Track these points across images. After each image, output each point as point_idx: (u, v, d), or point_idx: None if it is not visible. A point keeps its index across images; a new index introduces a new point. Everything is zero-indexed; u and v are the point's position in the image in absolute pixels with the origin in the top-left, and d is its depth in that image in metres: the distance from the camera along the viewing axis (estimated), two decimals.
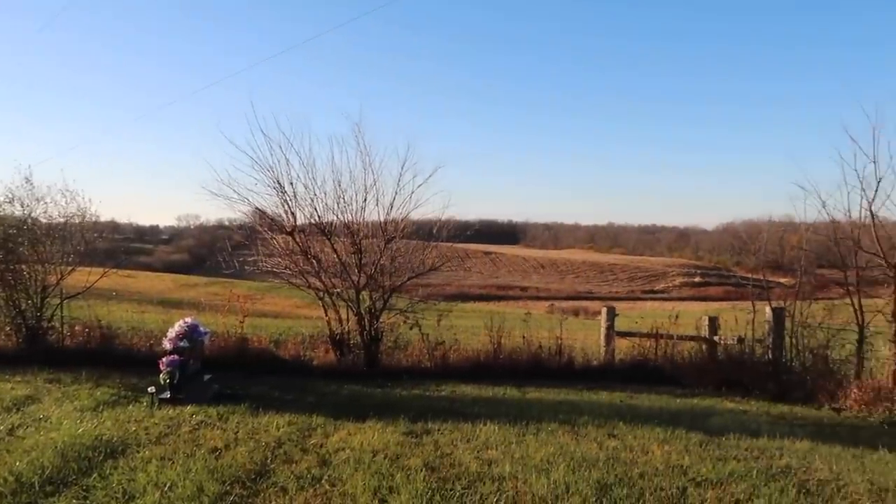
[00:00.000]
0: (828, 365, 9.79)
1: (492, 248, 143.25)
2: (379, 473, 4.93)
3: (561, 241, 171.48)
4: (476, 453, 5.63)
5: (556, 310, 44.56)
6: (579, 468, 5.21)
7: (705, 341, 11.51)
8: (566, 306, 61.96)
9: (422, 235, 12.03)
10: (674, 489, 4.80)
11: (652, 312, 31.19)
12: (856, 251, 9.86)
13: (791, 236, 12.86)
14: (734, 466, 5.46)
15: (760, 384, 9.89)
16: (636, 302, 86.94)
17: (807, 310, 10.30)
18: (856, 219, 9.84)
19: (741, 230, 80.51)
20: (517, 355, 11.54)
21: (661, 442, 6.27)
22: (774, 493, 4.78)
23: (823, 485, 5.13)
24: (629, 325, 13.70)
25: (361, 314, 10.95)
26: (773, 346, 10.45)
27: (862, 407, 8.55)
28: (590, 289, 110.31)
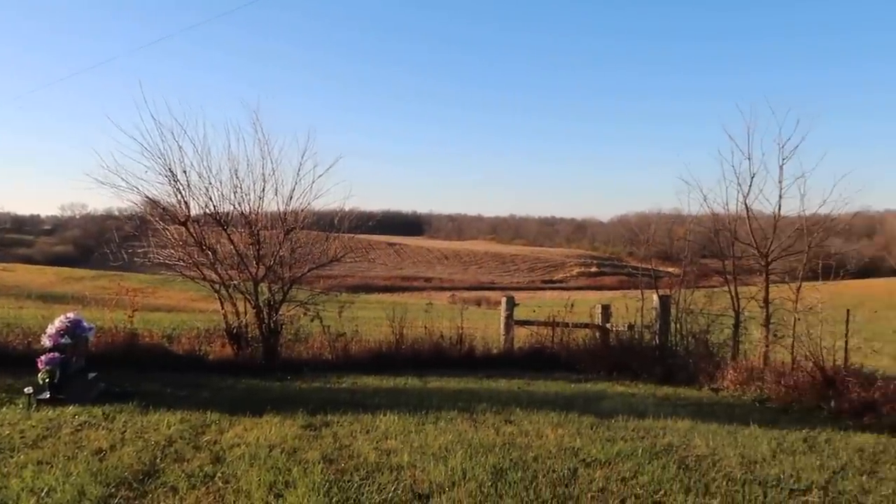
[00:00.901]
0: (708, 348, 10.48)
1: (396, 239, 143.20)
2: (275, 468, 4.84)
3: (465, 232, 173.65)
4: (375, 444, 5.63)
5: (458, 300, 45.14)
6: (476, 454, 5.32)
7: (598, 328, 12.01)
8: (469, 296, 62.87)
9: (323, 226, 11.86)
10: (565, 470, 5.00)
11: (551, 302, 32.17)
12: (733, 242, 10.59)
13: (678, 228, 13.61)
14: (622, 446, 5.74)
15: (648, 368, 10.44)
16: (536, 291, 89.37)
17: (690, 297, 10.98)
18: (733, 212, 10.56)
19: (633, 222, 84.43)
20: (419, 345, 11.62)
21: (556, 426, 6.51)
22: (657, 470, 5.07)
23: (701, 460, 5.49)
24: (528, 315, 14.09)
25: (260, 306, 10.68)
26: (659, 332, 11.06)
27: (737, 386, 9.20)
28: (492, 279, 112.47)
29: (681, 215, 12.11)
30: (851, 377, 8.09)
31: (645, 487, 4.68)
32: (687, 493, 4.59)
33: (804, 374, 8.44)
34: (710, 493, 4.62)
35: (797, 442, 6.28)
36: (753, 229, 10.33)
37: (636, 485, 4.75)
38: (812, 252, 10.22)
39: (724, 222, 10.76)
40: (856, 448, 6.15)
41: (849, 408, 7.66)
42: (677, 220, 13.07)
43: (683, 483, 4.79)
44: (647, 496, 4.52)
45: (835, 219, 10.06)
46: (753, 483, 4.88)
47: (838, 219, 10.16)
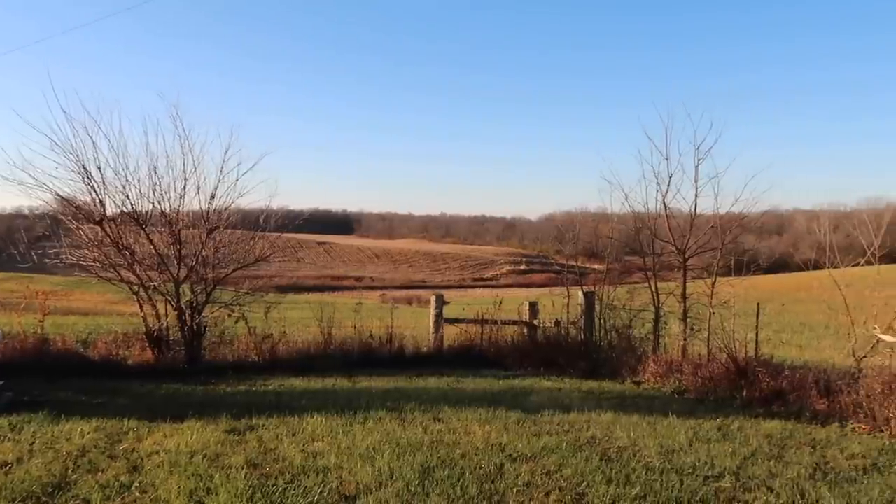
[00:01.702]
0: (630, 343, 10.82)
1: (326, 238, 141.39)
2: (196, 475, 4.70)
3: (396, 230, 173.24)
4: (302, 446, 5.55)
5: (388, 299, 44.93)
6: (404, 453, 5.32)
7: (526, 325, 12.22)
8: (400, 295, 62.63)
9: (248, 225, 11.60)
10: (492, 466, 5.06)
11: (481, 299, 32.50)
12: (653, 240, 10.97)
13: (604, 226, 13.97)
14: (547, 441, 5.86)
15: (574, 363, 10.68)
16: (467, 290, 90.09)
17: (613, 293, 11.31)
18: (653, 210, 10.95)
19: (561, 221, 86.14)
20: (348, 346, 11.54)
21: (483, 422, 6.58)
22: (580, 463, 5.20)
23: (622, 451, 5.67)
24: (458, 313, 14.18)
25: (182, 308, 10.36)
26: (584, 328, 11.36)
27: (657, 379, 9.54)
28: (423, 278, 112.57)
29: (606, 214, 12.46)
30: (762, 367, 8.52)
31: (568, 480, 4.80)
32: (608, 483, 4.72)
33: (719, 366, 8.83)
34: (630, 482, 4.77)
35: (712, 430, 6.56)
36: (672, 227, 10.74)
37: (560, 477, 4.86)
38: (726, 249, 10.70)
39: (644, 220, 11.13)
40: (765, 434, 6.48)
41: (759, 396, 8.06)
42: (602, 219, 13.43)
43: (605, 474, 4.93)
44: (570, 488, 4.62)
45: (746, 217, 10.56)
46: (671, 471, 5.08)
47: (750, 217, 10.67)
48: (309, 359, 10.89)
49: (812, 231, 46.48)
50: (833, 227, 11.89)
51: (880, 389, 6.91)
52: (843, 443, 6.26)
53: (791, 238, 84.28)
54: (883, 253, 8.67)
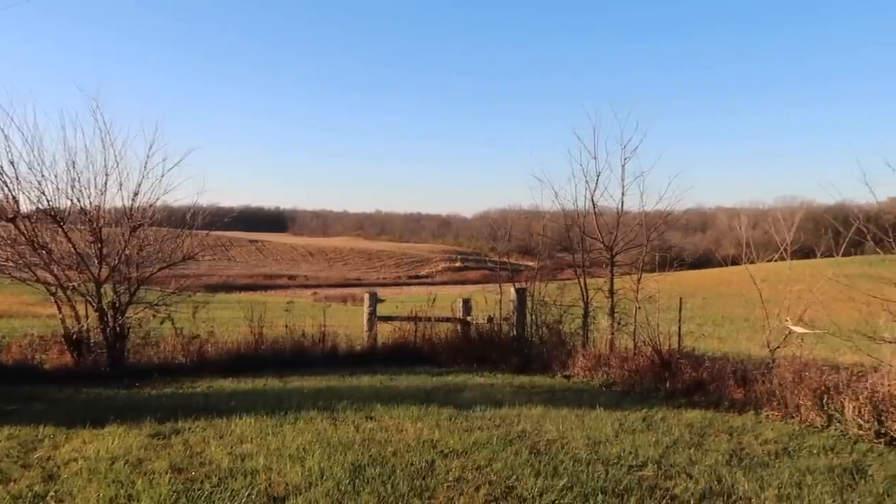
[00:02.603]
0: (561, 338, 11.06)
1: (258, 235, 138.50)
2: (117, 482, 4.53)
3: (330, 228, 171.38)
4: (230, 449, 5.43)
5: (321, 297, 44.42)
6: (335, 453, 5.28)
7: (460, 322, 12.32)
8: (335, 294, 62.13)
9: (175, 222, 11.26)
10: (423, 463, 5.08)
11: (417, 297, 32.54)
12: (582, 237, 11.24)
13: (537, 224, 14.22)
14: (478, 436, 5.93)
15: (507, 358, 10.84)
16: (403, 287, 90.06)
17: (544, 290, 11.52)
18: (582, 208, 11.21)
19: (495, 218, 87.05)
20: (280, 345, 11.36)
21: (416, 419, 6.60)
22: (510, 457, 5.29)
23: (551, 444, 5.79)
24: (392, 310, 14.16)
25: (103, 309, 9.96)
26: (516, 324, 11.53)
27: (587, 373, 9.78)
28: (358, 276, 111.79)
29: (539, 211, 12.68)
30: (684, 359, 8.85)
31: (498, 474, 4.87)
32: (537, 476, 4.82)
33: (644, 359, 9.12)
34: (557, 474, 4.88)
35: (637, 421, 6.78)
36: (600, 225, 11.03)
37: (490, 472, 4.92)
38: (652, 245, 11.08)
39: (574, 218, 11.39)
40: (686, 423, 6.74)
41: (682, 387, 8.37)
42: (535, 217, 13.67)
43: (534, 467, 5.02)
44: (499, 482, 4.69)
45: (670, 214, 10.94)
46: (597, 462, 5.22)
47: (674, 214, 11.06)
48: (239, 359, 10.66)
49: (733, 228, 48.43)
50: (752, 225, 12.47)
51: (791, 378, 7.28)
52: (757, 429, 6.58)
53: (714, 235, 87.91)
54: (795, 249, 9.12)
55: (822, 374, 7.16)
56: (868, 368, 7.15)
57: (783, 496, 4.55)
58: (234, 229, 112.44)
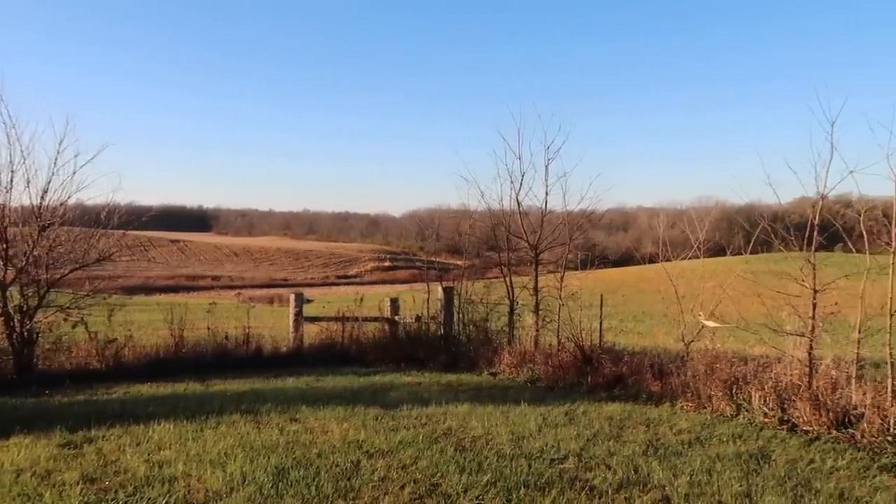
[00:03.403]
0: (487, 336, 11.22)
1: (180, 235, 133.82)
2: (23, 495, 4.31)
3: (256, 227, 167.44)
4: (147, 456, 5.25)
5: (244, 298, 43.40)
6: (258, 456, 5.19)
7: (387, 321, 12.30)
8: (261, 294, 60.84)
9: (89, 222, 10.76)
10: (348, 463, 5.06)
11: (345, 297, 32.24)
12: (507, 236, 11.43)
13: (465, 223, 14.35)
14: (404, 435, 5.95)
15: (434, 357, 10.91)
16: (331, 287, 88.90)
17: (471, 288, 11.65)
18: (507, 208, 11.41)
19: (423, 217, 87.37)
20: (201, 348, 11.07)
21: (341, 420, 6.56)
22: (435, 455, 5.33)
23: (476, 440, 5.88)
24: (319, 311, 14.00)
25: (10, 314, 9.44)
26: (444, 322, 11.62)
27: (512, 369, 9.96)
28: (286, 276, 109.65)
29: (467, 211, 12.80)
30: (605, 354, 9.14)
31: (424, 472, 4.90)
32: (461, 472, 4.88)
33: (567, 355, 9.37)
34: (482, 470, 4.95)
35: (559, 416, 6.96)
36: (525, 224, 11.24)
37: (416, 470, 4.95)
38: (575, 244, 11.37)
39: (500, 217, 11.57)
40: (607, 416, 6.97)
41: (603, 381, 8.64)
42: (464, 216, 13.80)
43: (459, 464, 5.09)
44: (424, 480, 4.73)
45: (592, 213, 11.26)
46: (520, 457, 5.33)
47: (595, 214, 11.39)
48: (158, 363, 10.33)
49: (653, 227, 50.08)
50: (671, 224, 12.97)
51: (704, 370, 7.64)
52: (672, 420, 6.87)
53: (635, 234, 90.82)
54: (708, 247, 9.56)
55: (731, 366, 7.55)
56: (773, 359, 7.57)
57: (694, 482, 4.77)
58: (154, 229, 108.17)
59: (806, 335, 7.03)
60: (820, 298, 7.03)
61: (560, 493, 4.49)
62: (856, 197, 7.88)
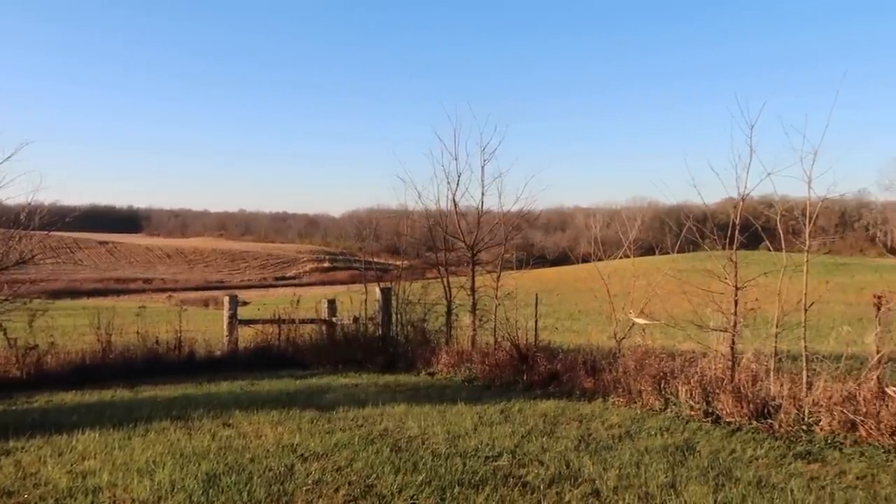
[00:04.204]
0: (425, 336, 11.26)
1: (109, 236, 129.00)
2: None
3: (190, 228, 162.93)
4: (69, 467, 5.05)
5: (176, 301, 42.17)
6: (188, 463, 5.07)
7: (325, 323, 12.19)
8: (195, 297, 59.30)
9: (6, 222, 10.30)
10: (282, 467, 5.00)
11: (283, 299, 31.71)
12: (444, 237, 11.50)
13: (404, 223, 14.36)
14: (339, 437, 5.92)
15: (372, 358, 10.88)
16: (269, 289, 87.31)
17: (409, 289, 11.67)
18: (444, 208, 11.47)
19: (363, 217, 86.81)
20: (131, 353, 10.72)
21: (276, 424, 6.47)
22: (371, 456, 5.33)
23: (412, 440, 5.90)
24: (255, 313, 13.75)
25: None
26: (382, 323, 11.59)
27: (450, 369, 10.02)
28: (221, 278, 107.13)
29: (407, 211, 12.82)
30: (540, 353, 9.31)
31: (359, 473, 4.89)
32: (397, 473, 4.89)
33: (504, 353, 9.49)
34: (417, 469, 4.98)
35: (495, 414, 7.05)
36: (461, 224, 11.34)
37: (351, 472, 4.93)
38: (512, 244, 11.53)
39: (437, 218, 11.63)
40: (541, 414, 7.10)
41: (538, 379, 8.80)
42: (404, 216, 13.82)
43: (394, 464, 5.09)
44: (359, 481, 4.72)
45: (528, 214, 11.45)
46: (455, 455, 5.38)
47: (531, 214, 11.58)
48: (84, 370, 9.94)
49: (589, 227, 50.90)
50: (606, 224, 13.30)
51: (634, 366, 7.88)
52: (604, 415, 7.05)
53: (573, 233, 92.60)
54: (640, 246, 9.87)
55: (660, 362, 7.81)
56: (699, 354, 7.86)
57: (623, 475, 4.92)
58: (81, 230, 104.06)
59: (728, 331, 7.35)
60: (741, 295, 7.35)
61: (493, 491, 4.56)
62: (778, 198, 8.27)
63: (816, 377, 6.65)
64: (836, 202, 10.43)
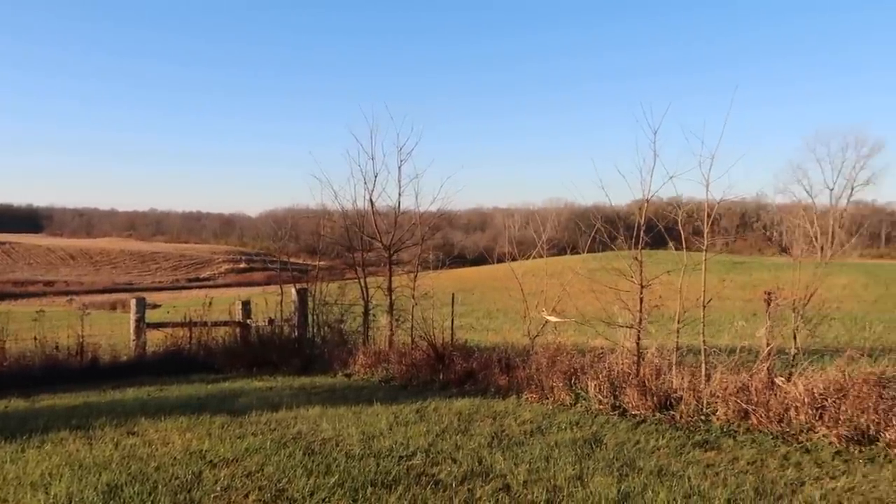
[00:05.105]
0: (342, 337, 11.17)
1: (6, 237, 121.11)
2: None
3: (96, 228, 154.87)
4: None
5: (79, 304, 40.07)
6: (88, 475, 4.85)
7: (239, 325, 11.91)
8: (102, 300, 56.49)
9: None
10: (189, 475, 4.86)
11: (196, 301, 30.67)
12: (361, 237, 11.45)
13: (326, 223, 14.19)
14: (251, 441, 5.80)
15: (288, 360, 10.70)
16: (182, 291, 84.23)
17: (326, 289, 11.55)
18: (362, 208, 11.42)
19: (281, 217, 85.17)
20: (27, 360, 10.18)
21: (184, 430, 6.27)
22: (283, 459, 5.25)
23: (326, 443, 5.85)
24: (165, 316, 13.27)
25: None
26: (298, 325, 11.43)
27: (367, 370, 9.98)
28: (130, 280, 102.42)
29: (326, 211, 12.66)
30: (457, 351, 9.41)
31: (270, 478, 4.81)
32: (309, 476, 4.84)
33: (421, 353, 9.54)
34: (330, 472, 4.94)
35: (411, 414, 7.08)
36: (378, 224, 11.32)
37: (262, 477, 4.85)
38: (430, 244, 11.60)
39: (354, 218, 11.56)
40: (456, 412, 7.18)
41: (454, 378, 8.89)
42: (322, 216, 13.66)
43: (307, 468, 5.04)
44: (270, 486, 4.64)
45: (444, 214, 11.54)
46: (369, 456, 5.38)
47: (447, 214, 11.69)
48: None
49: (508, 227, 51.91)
50: (525, 224, 13.55)
51: (546, 363, 8.09)
52: (517, 412, 7.21)
53: (492, 233, 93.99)
54: (555, 246, 10.14)
55: (571, 358, 8.06)
56: (608, 350, 8.15)
57: (533, 469, 5.06)
58: None
59: (634, 327, 7.66)
60: (646, 293, 7.68)
61: (406, 490, 4.59)
62: (685, 199, 8.68)
63: (714, 370, 7.03)
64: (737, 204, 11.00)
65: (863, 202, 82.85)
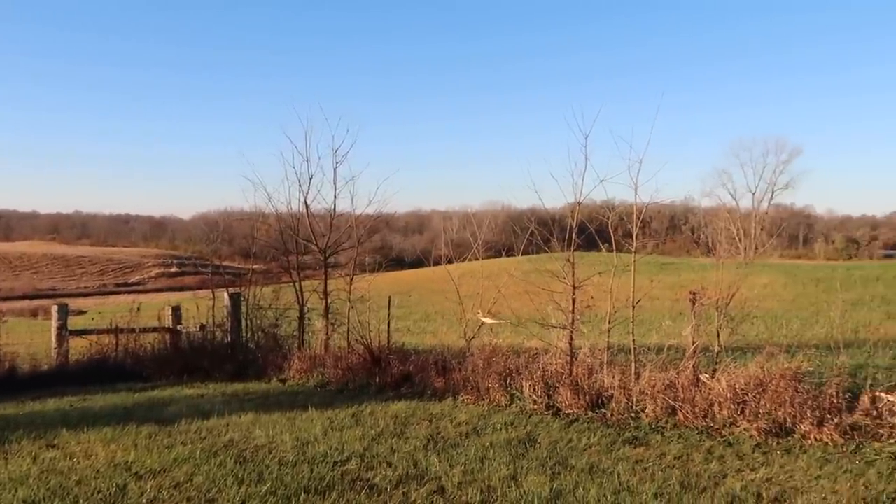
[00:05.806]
0: (277, 341, 10.98)
1: None
2: None
3: (15, 231, 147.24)
4: None
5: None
6: (2, 491, 4.62)
7: (168, 331, 11.55)
8: (22, 307, 53.67)
9: None
10: (113, 488, 4.69)
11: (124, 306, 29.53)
12: (295, 240, 11.29)
13: (260, 226, 13.91)
14: (180, 451, 5.63)
15: (220, 366, 10.44)
16: (108, 297, 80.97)
17: (260, 293, 11.32)
18: (295, 211, 11.25)
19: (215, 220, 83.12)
20: None
21: (108, 442, 6.05)
22: (213, 469, 5.13)
23: (258, 450, 5.74)
24: (90, 323, 12.74)
25: None
26: (231, 330, 11.17)
27: (302, 375, 9.84)
28: (53, 285, 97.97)
29: (262, 213, 12.40)
30: (393, 355, 9.37)
31: (199, 488, 4.69)
32: (241, 484, 4.75)
33: (357, 357, 9.47)
34: (262, 480, 4.86)
35: (346, 418, 7.02)
36: (313, 227, 11.17)
37: (190, 487, 4.72)
38: (367, 247, 11.53)
39: (288, 220, 11.38)
40: (392, 415, 7.16)
41: (391, 381, 8.86)
42: (259, 218, 13.38)
43: (238, 476, 4.94)
44: (199, 497, 4.53)
45: (380, 216, 11.49)
46: (303, 463, 5.31)
47: (384, 216, 11.64)
48: None
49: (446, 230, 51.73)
50: (463, 227, 13.66)
51: (482, 364, 8.16)
52: (454, 414, 7.24)
53: (430, 236, 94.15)
54: (492, 248, 10.25)
55: (506, 359, 8.15)
56: (542, 351, 8.29)
57: (468, 471, 5.10)
58: None
59: (567, 328, 7.82)
60: (578, 294, 7.85)
61: (340, 495, 4.55)
62: (616, 203, 8.90)
63: (643, 368, 7.24)
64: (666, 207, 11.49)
65: (782, 205, 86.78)
